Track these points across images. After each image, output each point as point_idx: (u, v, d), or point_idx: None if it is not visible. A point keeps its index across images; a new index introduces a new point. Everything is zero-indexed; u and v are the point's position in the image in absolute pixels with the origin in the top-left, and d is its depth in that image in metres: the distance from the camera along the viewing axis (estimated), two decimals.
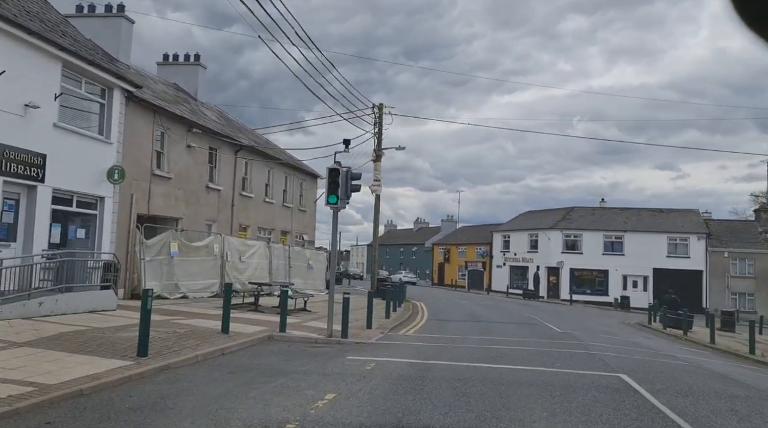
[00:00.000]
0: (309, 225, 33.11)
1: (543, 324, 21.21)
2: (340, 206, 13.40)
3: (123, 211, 17.01)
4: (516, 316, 25.17)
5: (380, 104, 32.56)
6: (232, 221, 23.71)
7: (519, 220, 61.34)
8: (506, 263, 58.37)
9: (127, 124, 17.01)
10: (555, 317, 26.76)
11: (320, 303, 22.85)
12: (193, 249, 19.77)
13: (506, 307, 32.54)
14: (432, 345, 13.21)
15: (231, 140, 23.18)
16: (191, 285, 19.56)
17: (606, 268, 50.80)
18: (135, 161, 17.59)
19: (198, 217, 21.30)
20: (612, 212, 55.27)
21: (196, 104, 24.84)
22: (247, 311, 17.03)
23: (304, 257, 29.09)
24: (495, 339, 15.00)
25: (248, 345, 11.48)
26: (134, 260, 17.39)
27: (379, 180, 32.36)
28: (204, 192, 21.69)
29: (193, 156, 20.81)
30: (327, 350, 11.78)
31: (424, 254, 77.65)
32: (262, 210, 26.78)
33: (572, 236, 52.34)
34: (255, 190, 25.86)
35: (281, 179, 28.83)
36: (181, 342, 10.37)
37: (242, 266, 22.45)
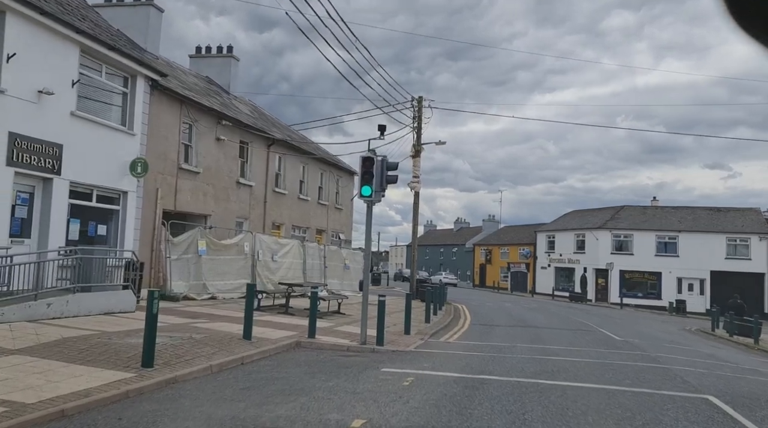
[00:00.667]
0: (345, 224, 31.94)
1: (598, 331, 19.41)
2: (374, 198, 12.07)
3: (147, 207, 16.10)
4: (566, 321, 23.37)
5: (419, 97, 31.18)
6: (265, 219, 22.69)
7: (564, 219, 58.91)
8: (551, 264, 56.07)
9: (152, 114, 16.10)
10: (608, 322, 24.83)
11: (356, 306, 21.57)
12: (223, 248, 18.79)
13: (554, 311, 30.66)
14: (478, 355, 11.75)
15: (263, 133, 22.16)
16: (220, 285, 18.57)
17: (659, 270, 48.06)
18: (160, 154, 16.68)
19: (228, 214, 20.33)
20: (665, 211, 52.40)
21: (228, 98, 23.95)
22: (276, 314, 15.90)
23: (340, 257, 27.93)
24: (548, 349, 13.41)
25: (272, 353, 10.27)
26: (160, 259, 16.47)
27: (418, 177, 30.95)
28: (234, 188, 20.71)
29: (222, 150, 19.84)
30: (359, 359, 10.47)
31: (465, 254, 75.75)
32: (296, 208, 25.72)
33: (622, 236, 49.76)
34: (289, 186, 24.81)
35: (316, 176, 27.73)
36: (196, 349, 9.21)
37: (274, 265, 21.39)
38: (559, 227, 56.93)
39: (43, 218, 12.61)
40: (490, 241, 70.81)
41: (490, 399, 7.46)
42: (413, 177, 31.07)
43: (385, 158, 12.21)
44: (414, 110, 31.15)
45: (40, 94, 12.21)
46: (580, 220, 55.30)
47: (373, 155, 11.95)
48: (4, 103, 11.40)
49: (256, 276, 20.11)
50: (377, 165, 12.04)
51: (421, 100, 31.23)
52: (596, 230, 50.43)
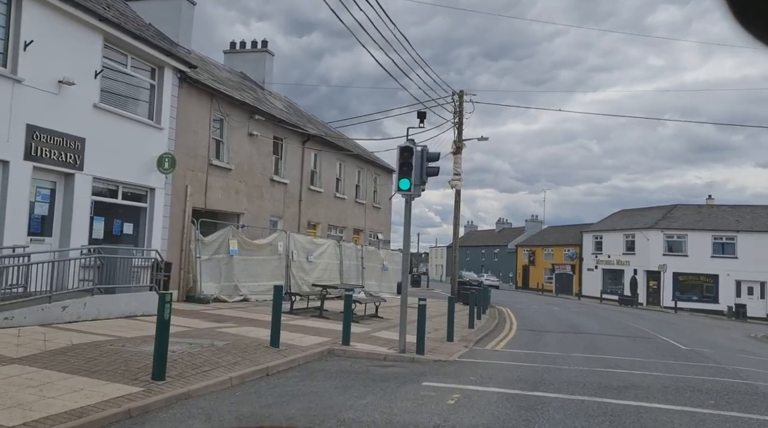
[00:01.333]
0: (384, 224, 30.92)
1: (658, 338, 17.82)
2: (413, 192, 10.98)
3: (176, 204, 15.41)
4: (621, 327, 21.76)
5: (460, 91, 29.94)
6: (300, 218, 21.87)
7: (612, 219, 56.51)
8: (598, 266, 53.81)
9: (181, 108, 15.41)
10: (666, 328, 23.07)
11: (395, 309, 20.48)
12: (256, 247, 18.00)
13: (604, 315, 28.93)
14: (530, 366, 10.51)
15: (297, 128, 21.34)
16: (253, 287, 17.78)
17: (715, 272, 45.40)
18: (190, 149, 15.98)
19: (261, 212, 19.56)
20: (721, 210, 49.56)
21: (262, 93, 23.24)
22: (310, 318, 14.97)
23: (379, 258, 26.92)
24: (608, 359, 12.05)
25: (301, 363, 9.29)
26: (189, 259, 15.76)
27: (459, 174, 29.68)
28: (268, 185, 19.93)
29: (255, 146, 19.08)
30: (397, 371, 9.40)
31: (507, 256, 73.83)
32: (333, 206, 24.83)
33: (675, 236, 47.26)
34: (325, 184, 23.94)
35: (353, 174, 26.80)
36: (216, 358, 8.30)
37: (309, 266, 20.52)
38: (607, 227, 54.61)
39: (65, 216, 11.98)
40: (534, 242, 68.73)
41: (552, 423, 6.28)
42: (454, 174, 29.83)
43: (426, 148, 11.11)
44: (455, 105, 29.92)
45: (61, 85, 11.58)
46: (629, 220, 52.89)
47: (412, 145, 10.87)
48: (21, 94, 10.78)
49: (290, 277, 19.27)
50: (416, 156, 10.95)
51: (462, 94, 29.98)
52: (647, 230, 48.04)
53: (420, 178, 11.01)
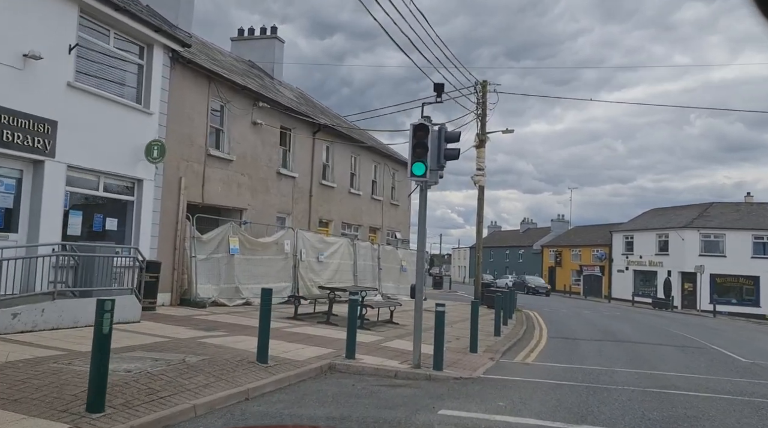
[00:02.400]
0: (402, 222, 29.22)
1: (709, 347, 15.83)
2: (429, 179, 9.29)
3: (169, 198, 13.94)
4: (661, 333, 19.75)
5: (483, 81, 28.10)
6: (310, 215, 20.30)
7: (644, 218, 53.98)
8: (629, 267, 51.37)
9: (174, 92, 13.94)
10: (711, 334, 20.97)
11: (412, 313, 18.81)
12: (260, 246, 16.48)
13: (640, 319, 26.83)
14: (570, 386, 8.74)
15: (307, 118, 19.76)
16: (256, 289, 16.10)
17: (756, 274, 42.72)
18: (184, 137, 14.51)
19: (267, 208, 18.02)
20: (761, 208, 46.80)
21: (271, 82, 21.75)
22: (316, 324, 13.37)
23: (397, 258, 25.24)
24: (660, 376, 10.20)
25: (293, 382, 7.67)
26: (184, 259, 14.28)
27: (482, 169, 27.83)
28: (275, 179, 18.40)
29: (260, 136, 17.56)
30: (409, 392, 7.73)
31: (532, 257, 71.48)
32: (347, 203, 23.22)
33: (712, 236, 44.66)
34: (338, 179, 22.34)
35: (369, 168, 25.16)
36: (184, 379, 6.71)
37: (319, 267, 18.93)
38: (638, 226, 52.11)
39: (33, 209, 10.55)
40: (560, 242, 66.34)
41: None
42: (477, 169, 27.98)
43: (444, 127, 9.42)
44: (477, 96, 28.10)
45: (26, 59, 10.15)
46: (662, 219, 50.36)
47: (427, 123, 9.18)
48: None
49: (298, 278, 17.71)
50: (433, 136, 9.27)
51: (485, 84, 28.13)
52: (682, 229, 45.52)
53: (437, 161, 9.33)
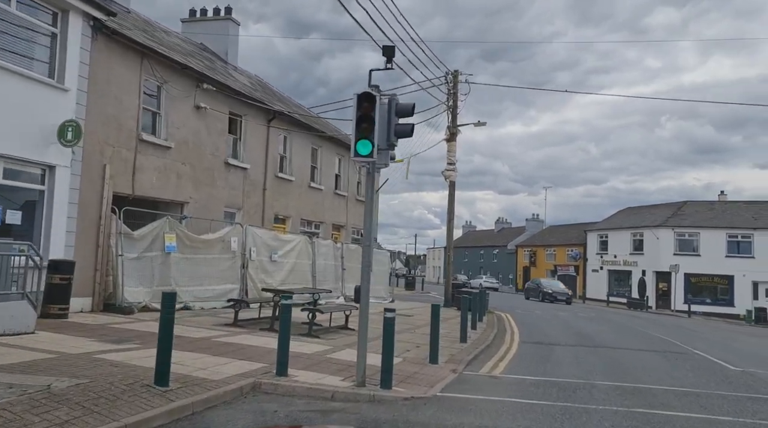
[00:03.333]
0: None
1: (692, 353, 14.61)
2: (377, 160, 7.78)
3: (89, 188, 12.20)
4: (640, 336, 18.56)
5: (455, 71, 26.80)
6: (264, 210, 18.64)
7: (619, 217, 53.36)
8: (604, 266, 50.68)
9: (97, 66, 12.21)
10: (691, 337, 19.89)
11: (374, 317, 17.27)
12: (202, 244, 14.80)
13: (616, 321, 25.73)
14: (543, 408, 7.31)
15: (260, 104, 18.09)
16: (198, 292, 14.57)
17: (730, 273, 42.25)
18: (110, 119, 12.77)
19: (213, 202, 16.34)
20: (735, 206, 46.46)
21: (223, 66, 20.04)
22: (258, 332, 11.77)
23: None
24: (645, 391, 8.84)
25: (198, 410, 6.10)
26: (108, 258, 12.54)
27: (453, 164, 26.53)
28: (222, 170, 16.71)
29: (205, 122, 15.87)
30: (345, 419, 6.24)
31: (507, 256, 70.64)
32: (307, 198, 21.60)
33: (687, 234, 44.11)
34: (296, 172, 20.71)
35: (332, 161, 23.56)
36: (34, 414, 5.07)
37: (273, 267, 17.29)
38: (613, 225, 51.46)
39: None
40: (535, 242, 65.56)
41: None
42: (448, 164, 26.66)
43: (395, 98, 7.91)
44: (448, 86, 26.78)
45: None
46: (637, 218, 49.74)
47: (375, 92, 7.66)
48: None
49: (247, 279, 16.06)
50: (382, 109, 7.76)
51: (456, 74, 26.83)
52: (656, 228, 44.91)
53: (386, 139, 7.81)
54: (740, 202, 47.62)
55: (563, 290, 41.48)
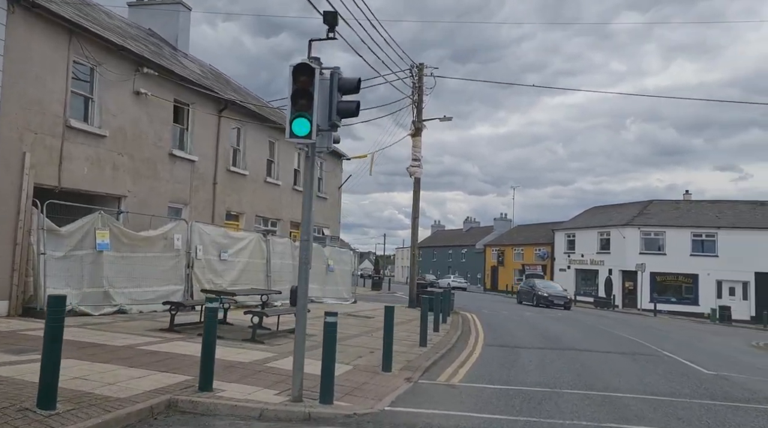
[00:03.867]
0: (331, 217, 26.62)
1: (662, 354, 13.98)
2: (318, 143, 6.82)
3: (6, 179, 10.93)
4: (607, 337, 17.95)
5: (420, 64, 25.93)
6: (215, 206, 17.46)
7: (586, 216, 53.36)
8: (571, 265, 50.57)
9: (13, 42, 10.93)
10: (659, 337, 19.42)
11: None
12: (141, 241, 13.58)
13: (583, 321, 25.22)
14: (503, 423, 6.43)
15: (210, 92, 16.91)
16: (135, 294, 13.34)
17: (695, 272, 42.44)
18: (31, 102, 11.48)
19: (155, 197, 15.10)
20: (700, 205, 46.76)
21: (172, 52, 18.78)
22: (196, 337, 10.63)
23: (323, 257, 22.62)
24: (617, 400, 8.05)
25: None
26: (29, 257, 11.25)
27: (419, 160, 25.68)
28: (166, 162, 15.49)
29: (146, 109, 14.63)
30: None
31: (475, 256, 70.32)
32: (262, 194, 20.45)
33: (652, 233, 44.19)
34: (251, 166, 19.54)
35: (291, 155, 22.44)
36: None
37: (223, 266, 16.14)
38: (580, 224, 51.41)
39: None
40: (503, 241, 65.31)
41: None
42: (413, 160, 25.79)
43: (338, 71, 6.92)
44: (413, 80, 25.91)
45: None
46: (604, 217, 49.74)
47: (313, 64, 6.67)
48: None
49: (192, 280, 14.87)
50: (323, 84, 6.78)
51: (422, 67, 25.96)
52: (623, 227, 44.88)
53: (328, 118, 6.83)
54: (704, 201, 47.99)
55: (560, 293, 35.95)
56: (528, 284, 39.28)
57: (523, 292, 38.90)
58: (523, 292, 39.13)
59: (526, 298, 37.55)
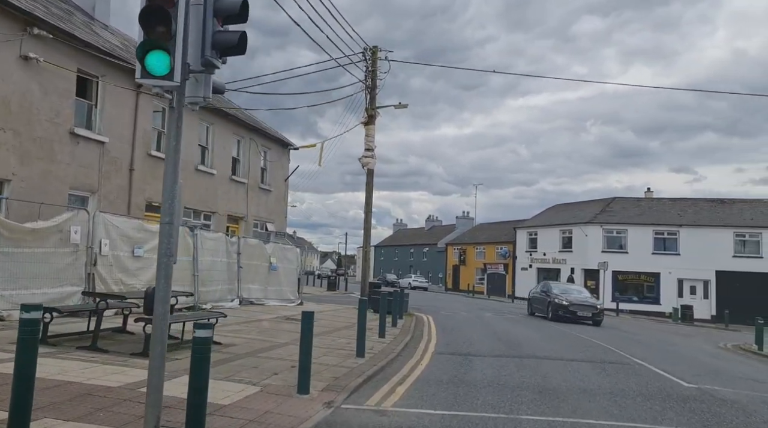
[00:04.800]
0: (276, 211, 24.55)
1: (632, 362, 12.46)
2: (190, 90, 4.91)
3: None
4: (572, 341, 16.45)
5: (374, 47, 24.08)
6: (131, 195, 15.27)
7: (548, 214, 52.45)
8: (533, 264, 49.54)
9: None
10: (625, 341, 18.06)
11: (271, 323, 14.31)
12: (28, 235, 11.35)
13: (546, 323, 23.79)
14: None
15: (126, 64, 14.69)
16: (21, 297, 11.07)
17: (657, 270, 41.82)
18: None
19: (52, 182, 12.87)
20: (662, 203, 46.27)
21: (87, 21, 16.46)
22: (75, 351, 8.59)
23: (264, 254, 20.57)
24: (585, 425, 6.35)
25: None
26: None
27: (372, 150, 23.79)
28: (67, 142, 13.26)
29: (38, 78, 12.38)
30: None
31: (437, 255, 68.94)
32: (193, 183, 18.27)
33: (615, 231, 43.43)
34: None
35: (229, 142, 20.31)
36: None
37: (136, 264, 13.95)
38: (543, 222, 50.44)
39: None
40: (464, 240, 64.09)
41: None
42: (366, 150, 23.88)
43: None
44: (367, 63, 24.05)
45: None
46: (566, 214, 48.87)
47: None
48: None
49: (96, 280, 12.68)
50: (196, 10, 4.85)
51: (376, 50, 24.12)
52: (585, 225, 44.00)
53: (200, 53, 4.89)
54: (666, 199, 47.56)
55: (587, 301, 25.51)
56: (542, 289, 28.18)
57: (536, 300, 28.02)
58: (535, 300, 28.18)
59: (539, 308, 27.10)
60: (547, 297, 26.28)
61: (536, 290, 29.41)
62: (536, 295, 28.36)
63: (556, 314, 24.75)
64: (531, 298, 29.39)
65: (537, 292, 28.62)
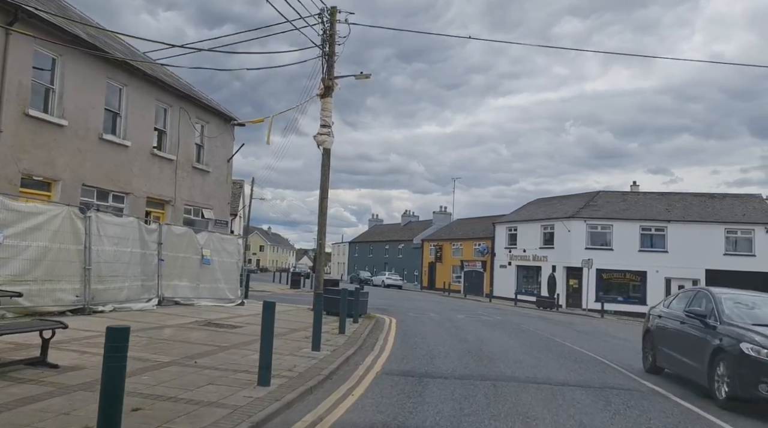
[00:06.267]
0: (215, 196, 21.16)
1: (643, 388, 9.44)
2: None
3: None
4: (559, 353, 13.45)
5: (332, 7, 20.84)
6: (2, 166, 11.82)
7: (529, 209, 49.67)
8: (512, 262, 46.74)
9: None
10: (621, 351, 15.22)
11: (176, 330, 10.94)
12: None
13: (526, 326, 20.86)
14: None
15: None
16: None
17: (643, 269, 39.23)
18: None
19: None
20: (648, 197, 43.74)
21: None
22: None
23: (195, 246, 17.25)
24: None
25: None
26: None
27: (328, 127, 20.54)
28: None
29: None
30: None
31: (413, 252, 65.87)
32: (97, 156, 14.87)
33: (599, 227, 40.75)
34: (74, 115, 13.94)
35: (150, 109, 16.89)
36: None
37: (4, 253, 10.58)
38: (523, 217, 47.62)
39: None
40: (441, 236, 61.11)
41: None
42: (321, 127, 20.61)
43: None
44: (324, 26, 20.80)
45: None
46: (549, 209, 46.12)
47: None
48: None
49: None
50: None
51: (334, 11, 20.87)
52: (568, 219, 41.24)
53: None
54: (653, 193, 45.05)
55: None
56: (690, 308, 9.78)
57: (671, 335, 10.24)
58: (668, 335, 10.36)
59: (680, 361, 9.67)
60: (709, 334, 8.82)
61: (670, 307, 11.13)
62: (673, 324, 10.29)
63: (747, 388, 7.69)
64: (653, 329, 11.19)
65: (673, 315, 10.51)
